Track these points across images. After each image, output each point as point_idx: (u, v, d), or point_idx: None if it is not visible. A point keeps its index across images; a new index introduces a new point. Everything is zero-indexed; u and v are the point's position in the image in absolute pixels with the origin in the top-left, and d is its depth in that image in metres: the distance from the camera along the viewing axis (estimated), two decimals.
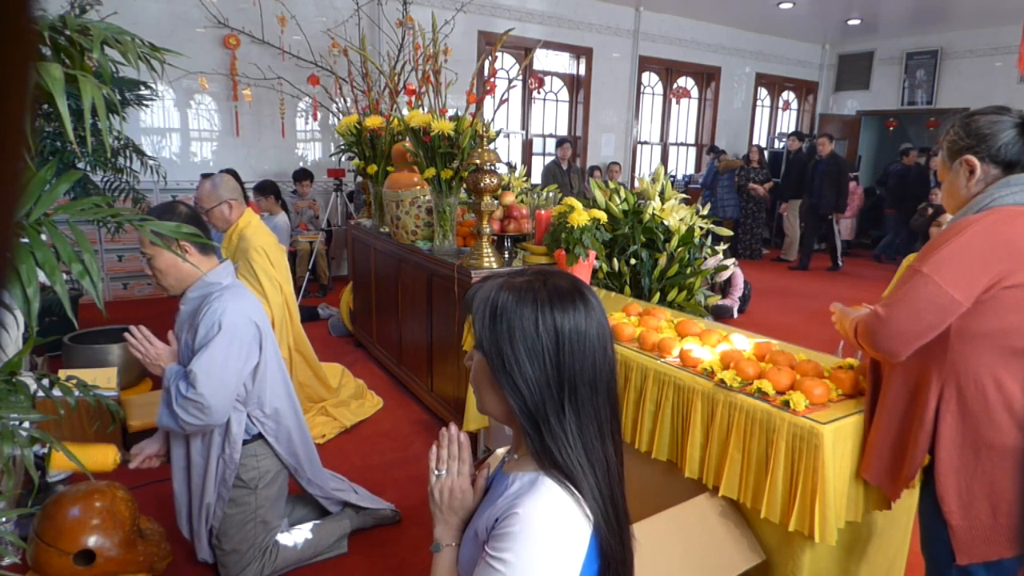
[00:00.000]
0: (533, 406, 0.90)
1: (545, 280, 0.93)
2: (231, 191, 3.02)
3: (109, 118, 2.35)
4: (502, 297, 0.91)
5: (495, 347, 0.90)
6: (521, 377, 0.89)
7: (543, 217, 3.18)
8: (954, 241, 1.33)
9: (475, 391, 0.98)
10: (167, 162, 5.77)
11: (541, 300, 0.90)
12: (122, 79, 3.16)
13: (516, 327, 0.89)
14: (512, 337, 0.89)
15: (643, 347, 2.10)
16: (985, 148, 1.40)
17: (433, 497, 1.03)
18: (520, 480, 0.93)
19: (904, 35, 9.40)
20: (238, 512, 2.06)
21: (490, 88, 3.22)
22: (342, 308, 4.91)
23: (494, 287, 0.93)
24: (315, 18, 6.25)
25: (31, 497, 2.07)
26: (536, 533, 0.85)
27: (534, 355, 0.89)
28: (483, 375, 0.94)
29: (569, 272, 0.99)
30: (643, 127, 9.05)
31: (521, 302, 0.90)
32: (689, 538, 1.68)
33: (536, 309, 0.90)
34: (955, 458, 1.37)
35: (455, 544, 1.02)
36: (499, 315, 0.90)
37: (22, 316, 1.99)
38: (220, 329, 1.86)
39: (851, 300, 1.85)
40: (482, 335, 0.91)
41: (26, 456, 1.36)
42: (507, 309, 0.90)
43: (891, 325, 1.36)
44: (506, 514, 0.88)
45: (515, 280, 0.93)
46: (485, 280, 0.96)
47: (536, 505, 0.87)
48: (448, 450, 1.05)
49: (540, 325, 0.89)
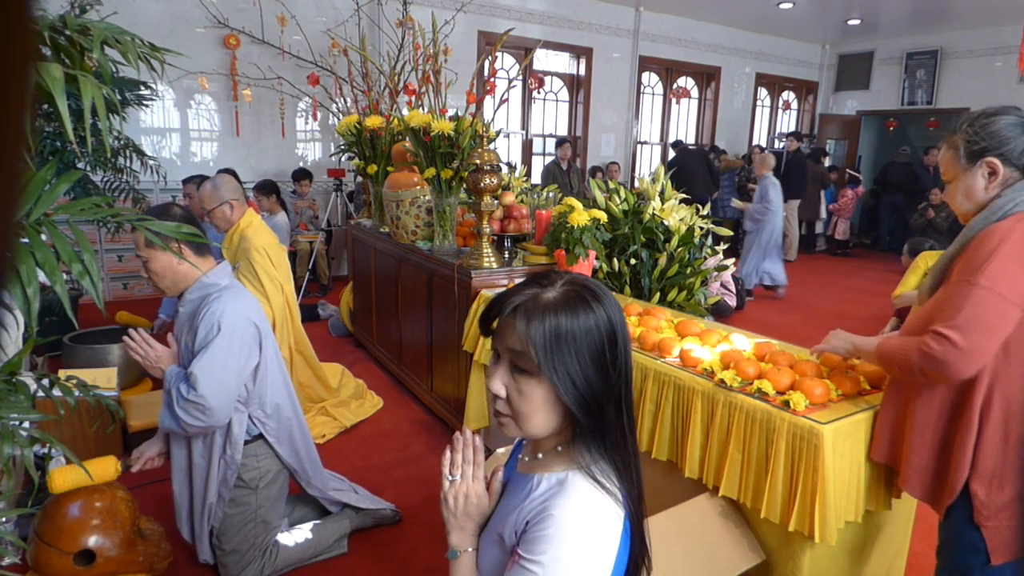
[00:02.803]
0: (598, 413, 0.89)
1: (580, 285, 0.91)
2: (232, 191, 3.02)
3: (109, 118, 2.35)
4: (560, 319, 0.86)
5: (561, 368, 0.86)
6: (590, 388, 0.87)
7: (543, 217, 3.18)
8: (1000, 251, 1.32)
9: (520, 416, 0.91)
10: (167, 162, 5.77)
11: (592, 306, 0.88)
12: (122, 79, 3.16)
13: (581, 341, 0.87)
14: (579, 352, 0.87)
15: (643, 347, 2.10)
16: (1008, 151, 1.38)
17: (447, 503, 1.01)
18: (547, 481, 0.92)
19: (904, 35, 9.40)
20: (239, 512, 2.06)
21: (490, 88, 3.22)
22: (342, 308, 4.91)
23: (541, 310, 0.87)
24: (315, 18, 6.25)
25: (31, 497, 2.07)
26: (571, 534, 0.85)
27: (598, 362, 0.88)
28: (541, 399, 0.89)
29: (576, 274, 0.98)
30: (643, 127, 9.05)
31: (576, 313, 0.87)
32: (689, 538, 1.68)
33: (592, 316, 0.88)
34: (997, 461, 1.37)
35: (472, 549, 1.01)
36: (561, 336, 0.86)
37: (22, 316, 1.99)
38: (220, 330, 1.86)
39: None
40: (545, 361, 0.86)
41: (26, 456, 1.36)
42: (568, 327, 0.86)
43: (969, 348, 1.30)
44: (539, 516, 0.88)
45: (556, 296, 0.89)
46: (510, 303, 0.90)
47: (569, 505, 0.87)
48: (463, 454, 1.02)
49: (600, 331, 0.88)
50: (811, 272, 8.05)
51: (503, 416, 0.93)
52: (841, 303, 6.36)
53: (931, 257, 3.17)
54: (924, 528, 2.27)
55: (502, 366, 0.91)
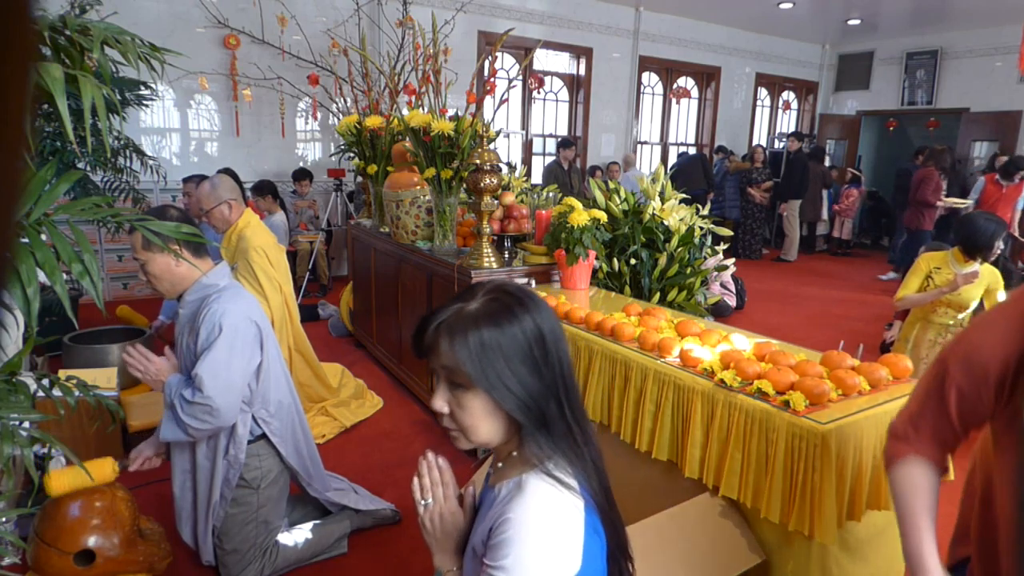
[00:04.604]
0: (539, 412, 0.91)
1: (501, 292, 0.94)
2: (230, 191, 3.01)
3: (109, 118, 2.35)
4: (483, 331, 0.89)
5: (494, 377, 0.89)
6: (525, 391, 0.90)
7: (543, 217, 3.18)
8: None
9: (466, 429, 0.94)
10: (167, 162, 5.77)
11: (515, 311, 0.91)
12: (122, 79, 3.16)
13: (508, 348, 0.89)
14: (508, 359, 0.89)
15: (643, 347, 2.10)
16: None
17: (425, 527, 1.04)
18: (507, 487, 0.94)
19: (904, 35, 9.40)
20: (240, 512, 2.06)
21: (490, 88, 3.22)
22: (342, 308, 4.91)
23: (464, 324, 0.91)
24: (315, 18, 6.25)
25: (31, 497, 2.07)
26: (530, 533, 0.86)
27: (529, 364, 0.90)
28: (481, 411, 0.92)
29: (500, 280, 1.00)
30: (643, 127, 9.05)
31: (500, 323, 0.90)
32: (689, 538, 1.68)
33: (516, 322, 0.90)
34: None
35: (457, 568, 1.02)
36: (487, 346, 0.89)
37: (22, 316, 1.99)
38: (221, 331, 1.86)
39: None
40: (477, 373, 0.89)
41: (26, 456, 1.36)
42: (493, 337, 0.89)
43: None
44: (499, 522, 0.89)
45: (478, 307, 0.92)
46: (434, 322, 0.93)
47: (525, 505, 0.88)
48: (430, 477, 1.05)
49: (525, 334, 0.90)
50: (811, 272, 8.05)
51: (451, 431, 0.96)
52: (842, 303, 6.36)
53: (932, 259, 3.17)
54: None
55: (441, 384, 0.94)
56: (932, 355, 3.19)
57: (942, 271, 3.10)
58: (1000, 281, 3.11)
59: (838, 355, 1.87)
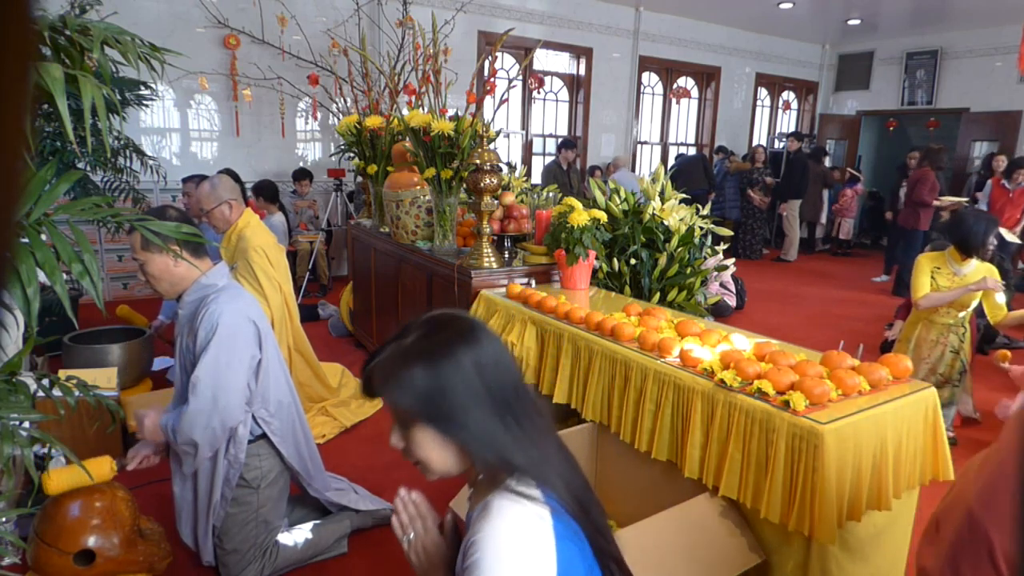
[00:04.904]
0: (487, 438, 0.93)
1: (434, 326, 0.96)
2: (230, 191, 3.01)
3: (109, 118, 2.35)
4: (415, 369, 0.92)
5: (433, 412, 0.92)
6: (468, 418, 0.92)
7: (543, 217, 3.18)
8: None
9: (422, 463, 0.97)
10: (167, 162, 5.77)
11: (447, 345, 0.93)
12: (122, 79, 3.16)
13: (443, 383, 0.91)
14: (444, 393, 0.91)
15: (643, 347, 2.10)
16: None
17: (411, 561, 1.06)
18: (478, 511, 0.96)
19: (904, 35, 9.40)
20: (240, 511, 2.06)
21: (490, 88, 3.22)
22: (342, 308, 4.91)
23: (396, 365, 0.94)
24: (315, 18, 6.25)
25: (31, 497, 2.07)
26: (497, 552, 0.87)
27: (467, 394, 0.92)
28: (431, 444, 0.95)
29: (439, 310, 1.02)
30: (643, 127, 9.05)
31: (432, 359, 0.92)
32: (689, 538, 1.68)
33: (449, 355, 0.92)
34: None
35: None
36: (421, 384, 0.92)
37: (22, 316, 1.99)
38: (219, 331, 1.86)
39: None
40: (418, 410, 0.92)
41: (26, 456, 1.36)
42: (426, 374, 0.92)
43: None
44: (466, 545, 0.92)
45: (409, 345, 0.94)
46: (371, 363, 0.97)
47: (490, 525, 0.89)
48: (408, 513, 1.07)
49: (459, 366, 0.92)
50: (811, 272, 8.05)
51: (416, 465, 0.99)
52: (842, 303, 6.36)
53: (931, 259, 3.18)
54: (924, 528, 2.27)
55: (393, 421, 0.97)
56: (933, 355, 3.20)
57: (942, 270, 3.11)
58: (998, 278, 3.12)
59: (838, 355, 1.87)
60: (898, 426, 1.71)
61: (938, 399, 1.82)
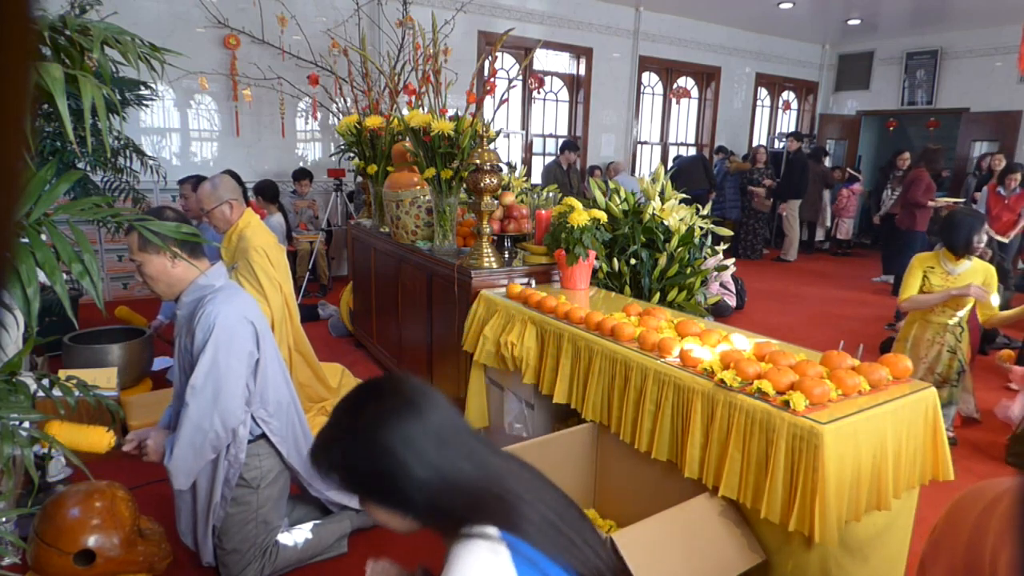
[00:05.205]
0: (426, 499, 0.96)
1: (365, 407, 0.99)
2: (231, 191, 3.01)
3: (109, 118, 2.35)
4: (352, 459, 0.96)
5: (364, 491, 0.98)
6: (410, 487, 0.95)
7: (543, 217, 3.18)
8: None
9: (388, 527, 1.02)
10: (167, 162, 5.77)
11: (378, 425, 0.96)
12: (122, 79, 3.16)
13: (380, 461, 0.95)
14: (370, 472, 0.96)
15: (643, 347, 2.10)
16: None
17: None
18: (446, 563, 0.99)
19: (904, 35, 9.40)
20: (240, 511, 2.06)
21: (490, 88, 3.22)
22: (342, 308, 4.91)
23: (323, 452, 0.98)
24: (315, 18, 6.25)
25: (31, 497, 2.07)
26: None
27: (393, 466, 0.95)
28: (382, 514, 1.00)
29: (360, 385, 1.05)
30: (643, 127, 9.05)
31: (367, 445, 0.95)
32: (689, 538, 1.68)
33: (379, 435, 0.95)
34: None
35: None
36: (358, 471, 0.96)
37: (22, 316, 1.98)
38: (216, 332, 1.86)
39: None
40: (357, 491, 0.98)
41: (26, 456, 1.36)
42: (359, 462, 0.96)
43: None
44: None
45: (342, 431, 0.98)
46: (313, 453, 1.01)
47: (449, 572, 0.92)
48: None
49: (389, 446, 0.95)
50: (811, 272, 8.05)
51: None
52: (842, 303, 6.36)
53: (924, 259, 3.20)
54: (924, 528, 2.27)
55: None
56: (931, 354, 3.21)
57: (936, 270, 3.12)
58: (995, 277, 3.13)
59: (838, 355, 1.87)
60: (898, 426, 1.71)
61: (938, 399, 1.82)
